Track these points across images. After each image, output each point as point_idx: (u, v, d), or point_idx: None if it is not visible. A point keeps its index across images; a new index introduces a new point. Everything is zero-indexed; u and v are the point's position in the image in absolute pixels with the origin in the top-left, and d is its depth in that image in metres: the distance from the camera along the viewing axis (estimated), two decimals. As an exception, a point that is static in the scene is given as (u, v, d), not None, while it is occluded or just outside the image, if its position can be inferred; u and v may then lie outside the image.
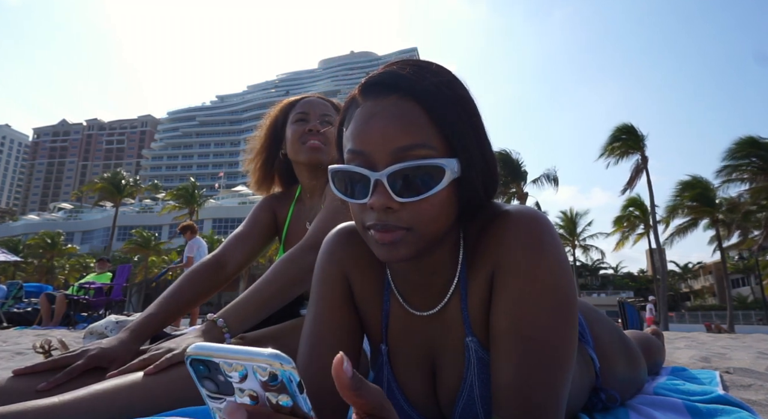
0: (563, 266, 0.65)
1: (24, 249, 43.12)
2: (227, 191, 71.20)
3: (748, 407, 1.02)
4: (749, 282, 46.86)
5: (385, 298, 0.78)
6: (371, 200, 0.61)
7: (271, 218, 1.52)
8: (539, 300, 0.63)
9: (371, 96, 0.64)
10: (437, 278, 0.73)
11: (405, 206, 0.62)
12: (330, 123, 1.42)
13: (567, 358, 0.63)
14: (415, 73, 0.63)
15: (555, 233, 0.66)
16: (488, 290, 0.68)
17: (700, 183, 23.22)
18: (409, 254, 0.63)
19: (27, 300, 8.56)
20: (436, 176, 0.61)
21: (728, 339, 5.01)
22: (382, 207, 0.61)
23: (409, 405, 0.77)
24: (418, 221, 0.62)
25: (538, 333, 0.62)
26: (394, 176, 0.61)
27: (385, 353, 0.78)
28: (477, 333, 0.70)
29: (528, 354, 0.61)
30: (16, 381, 0.91)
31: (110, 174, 39.37)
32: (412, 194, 0.61)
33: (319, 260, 0.82)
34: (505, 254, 0.65)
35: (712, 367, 1.94)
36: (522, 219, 0.66)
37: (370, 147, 0.62)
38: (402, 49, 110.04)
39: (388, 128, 0.61)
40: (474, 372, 0.69)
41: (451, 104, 0.63)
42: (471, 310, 0.70)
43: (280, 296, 1.12)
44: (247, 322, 1.07)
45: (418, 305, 0.75)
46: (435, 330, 0.75)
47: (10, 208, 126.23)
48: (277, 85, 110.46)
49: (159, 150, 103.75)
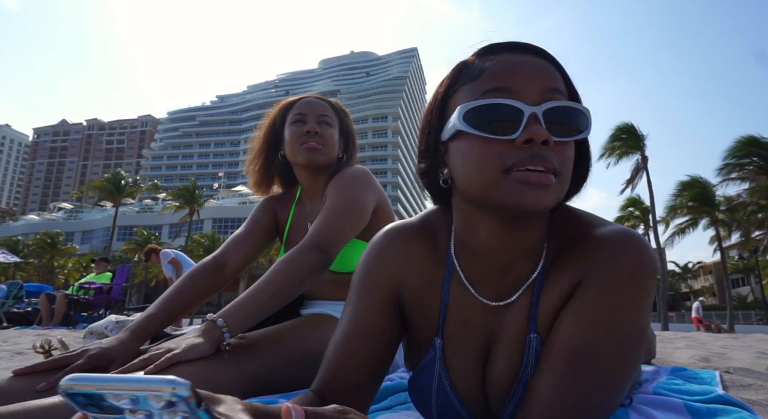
0: (650, 300, 0.62)
1: (24, 249, 43.10)
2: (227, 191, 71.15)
3: (748, 407, 1.02)
4: (749, 282, 46.85)
5: (445, 290, 0.74)
6: (530, 132, 0.57)
7: (271, 219, 1.52)
8: (615, 326, 0.59)
9: (506, 51, 0.64)
10: (519, 265, 0.69)
11: (556, 148, 0.59)
12: (328, 124, 1.42)
13: (617, 388, 0.59)
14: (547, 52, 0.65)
15: (655, 265, 0.63)
16: (566, 296, 0.65)
17: (699, 183, 23.21)
18: (551, 203, 0.59)
19: (27, 300, 8.57)
20: (583, 123, 0.61)
21: (728, 338, 5.01)
22: (542, 138, 0.57)
23: (461, 404, 0.73)
24: (566, 167, 0.60)
25: (598, 356, 0.59)
26: (551, 112, 0.59)
27: (439, 347, 0.74)
28: (541, 332, 0.67)
29: (578, 371, 0.58)
30: (16, 381, 0.91)
31: (110, 174, 39.39)
32: (563, 134, 0.59)
33: (366, 260, 0.78)
34: (601, 269, 0.62)
35: (712, 367, 1.94)
36: (629, 240, 0.62)
37: (518, 83, 0.60)
38: (402, 49, 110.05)
39: (540, 68, 0.61)
40: (530, 371, 0.66)
41: (572, 81, 0.66)
42: (542, 307, 0.67)
43: (281, 297, 1.11)
44: (247, 322, 1.06)
45: (489, 295, 0.71)
46: (498, 322, 0.71)
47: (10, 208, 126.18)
48: (277, 85, 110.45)
49: (159, 150, 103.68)
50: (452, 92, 0.67)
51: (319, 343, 1.14)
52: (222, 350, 1.02)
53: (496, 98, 0.59)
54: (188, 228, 38.36)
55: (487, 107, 0.59)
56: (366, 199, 1.31)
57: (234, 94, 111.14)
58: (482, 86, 0.61)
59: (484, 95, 0.61)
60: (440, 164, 0.69)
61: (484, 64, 0.63)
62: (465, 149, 0.62)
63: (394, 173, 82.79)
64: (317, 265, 1.15)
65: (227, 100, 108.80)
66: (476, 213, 0.66)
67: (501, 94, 0.60)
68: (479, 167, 0.60)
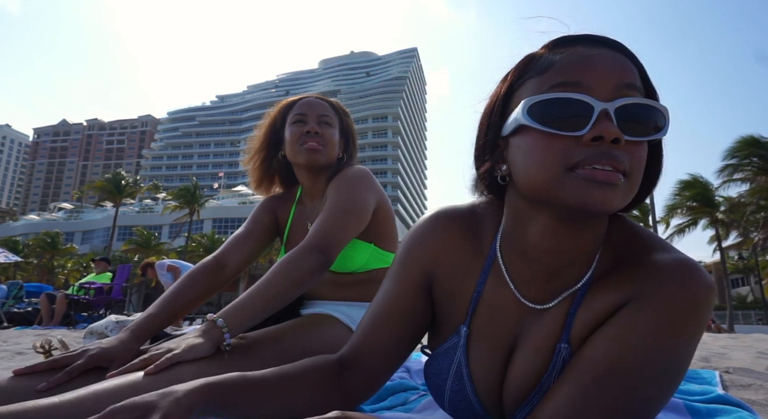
0: (698, 338, 0.59)
1: (24, 249, 43.10)
2: (227, 191, 71.09)
3: (747, 407, 1.02)
4: (749, 282, 46.82)
5: (481, 280, 0.73)
6: (599, 129, 0.53)
7: (271, 219, 1.52)
8: (658, 352, 0.56)
9: (579, 43, 0.60)
10: (567, 271, 0.66)
11: (627, 147, 0.55)
12: (329, 124, 1.41)
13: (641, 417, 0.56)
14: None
15: (712, 305, 0.59)
16: (608, 313, 0.62)
17: (699, 183, 23.20)
18: (618, 205, 0.55)
19: (27, 300, 8.57)
20: (660, 121, 0.57)
21: (728, 338, 5.00)
22: (612, 136, 0.53)
23: (475, 395, 0.73)
24: (637, 168, 0.56)
25: (630, 378, 0.56)
26: (624, 110, 0.55)
27: (464, 335, 0.73)
28: (572, 343, 0.65)
29: (605, 389, 0.56)
30: (16, 381, 0.91)
31: (110, 174, 39.40)
32: (637, 133, 0.55)
33: (408, 238, 0.80)
34: (655, 294, 0.58)
35: (711, 367, 1.94)
36: (693, 273, 0.58)
37: (590, 77, 0.56)
38: (402, 49, 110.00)
39: (614, 62, 0.57)
40: (553, 380, 0.64)
41: (650, 78, 0.61)
42: (578, 319, 0.64)
43: (281, 298, 1.11)
44: (247, 323, 1.06)
45: (529, 295, 0.69)
46: (531, 324, 0.69)
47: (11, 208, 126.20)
48: (277, 85, 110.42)
49: (159, 150, 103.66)
50: (517, 86, 0.63)
51: (319, 343, 1.14)
52: (222, 350, 1.02)
53: (565, 92, 0.55)
54: (188, 228, 38.37)
55: (553, 101, 0.56)
56: (366, 199, 1.31)
57: (234, 94, 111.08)
58: (550, 80, 0.58)
59: (552, 89, 0.57)
60: (499, 160, 0.66)
61: (554, 57, 0.59)
62: (527, 145, 0.58)
63: (394, 173, 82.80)
64: (318, 266, 1.15)
65: (227, 100, 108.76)
66: (531, 211, 0.63)
67: (570, 88, 0.56)
68: (541, 163, 0.56)
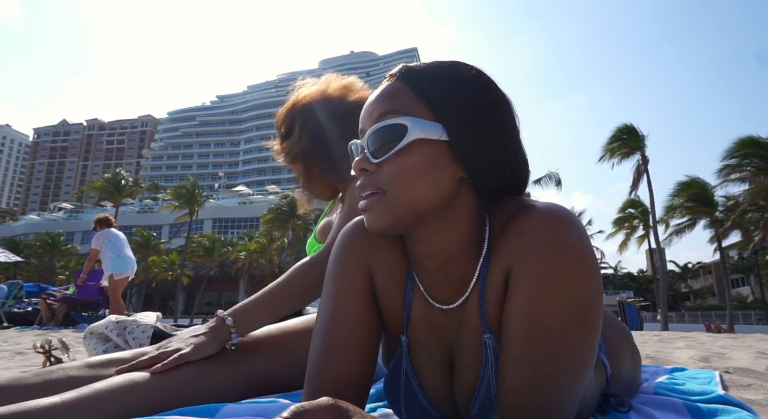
0: (587, 272, 0.58)
1: (24, 249, 43.08)
2: (227, 191, 71.14)
3: (748, 407, 1.02)
4: (749, 282, 46.83)
5: (408, 287, 0.74)
6: (353, 165, 0.66)
7: None
8: (553, 308, 0.57)
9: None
10: (454, 268, 0.69)
11: (381, 168, 0.64)
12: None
13: (578, 371, 0.58)
14: (421, 64, 0.68)
15: (582, 233, 0.59)
16: (504, 288, 0.64)
17: (697, 183, 23.20)
18: (386, 221, 0.64)
19: (27, 300, 8.57)
20: (399, 134, 0.63)
21: (728, 338, 5.01)
22: (358, 168, 0.65)
23: (427, 400, 0.75)
24: (391, 183, 0.63)
25: (548, 342, 0.57)
26: (371, 139, 0.65)
27: (405, 344, 0.75)
28: (494, 331, 0.67)
29: (536, 363, 0.57)
30: (16, 381, 0.92)
31: (110, 174, 39.40)
32: (382, 153, 0.64)
33: (336, 251, 0.77)
34: (521, 253, 0.60)
35: (711, 367, 1.94)
36: (545, 215, 0.60)
37: (363, 124, 0.68)
38: (402, 49, 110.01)
39: (374, 103, 0.67)
40: (491, 371, 0.66)
41: (440, 79, 0.65)
42: (488, 307, 0.67)
43: (295, 301, 1.10)
44: (256, 324, 1.06)
45: (439, 298, 0.72)
46: (454, 324, 0.72)
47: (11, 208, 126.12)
48: (277, 85, 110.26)
49: (159, 150, 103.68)
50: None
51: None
52: (227, 349, 1.02)
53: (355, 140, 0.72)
54: (188, 228, 38.35)
55: (350, 150, 0.75)
56: None
57: (234, 94, 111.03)
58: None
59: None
60: None
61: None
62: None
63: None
64: None
65: (227, 100, 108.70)
66: None
67: (359, 137, 0.69)
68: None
